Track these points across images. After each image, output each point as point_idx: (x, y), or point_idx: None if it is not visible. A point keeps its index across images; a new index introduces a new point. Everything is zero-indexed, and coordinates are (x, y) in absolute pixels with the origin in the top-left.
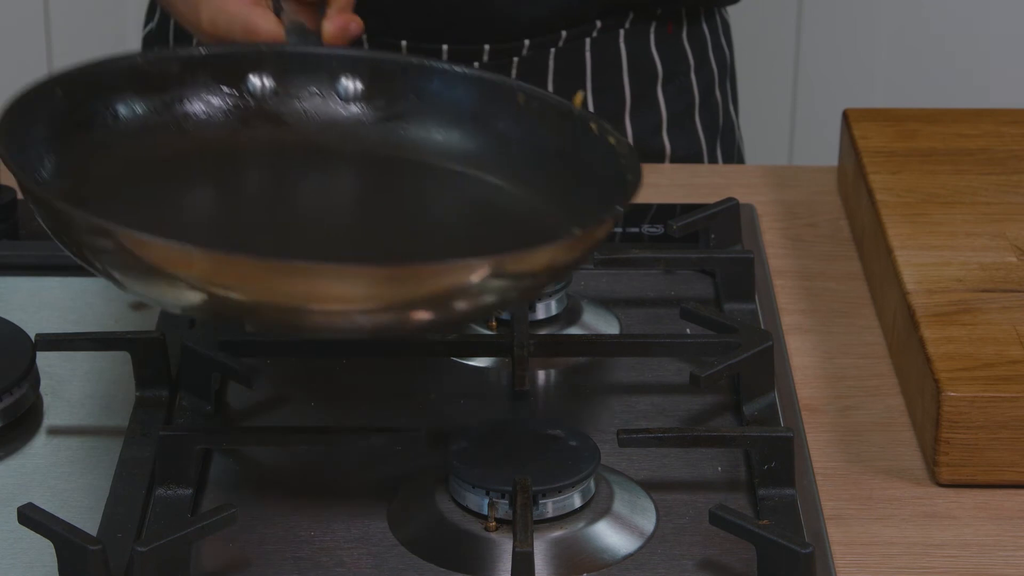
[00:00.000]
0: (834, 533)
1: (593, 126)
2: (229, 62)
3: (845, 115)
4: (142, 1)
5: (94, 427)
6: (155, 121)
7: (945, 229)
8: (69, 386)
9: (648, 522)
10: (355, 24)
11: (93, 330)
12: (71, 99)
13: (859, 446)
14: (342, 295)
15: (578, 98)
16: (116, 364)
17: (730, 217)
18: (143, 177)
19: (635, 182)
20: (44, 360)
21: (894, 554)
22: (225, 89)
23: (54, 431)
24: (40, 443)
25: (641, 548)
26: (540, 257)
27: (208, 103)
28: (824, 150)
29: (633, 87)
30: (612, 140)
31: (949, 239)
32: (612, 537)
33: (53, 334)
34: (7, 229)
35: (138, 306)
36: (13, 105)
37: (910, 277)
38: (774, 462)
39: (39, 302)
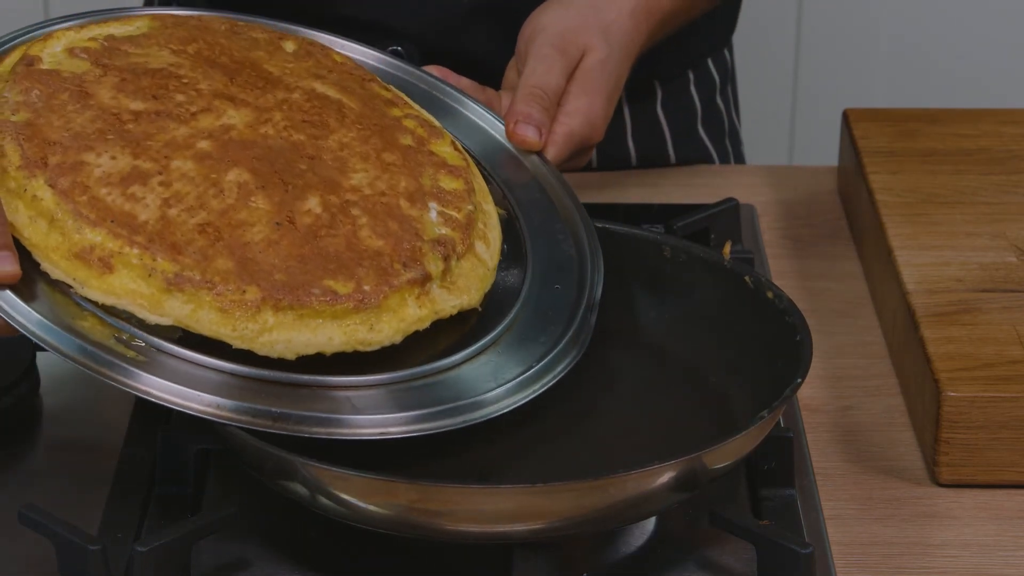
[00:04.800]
0: (834, 533)
1: (748, 280)
2: None
3: (845, 115)
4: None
5: (94, 427)
6: None
7: (945, 229)
8: (69, 386)
9: (648, 522)
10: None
11: None
12: None
13: (859, 446)
14: (544, 511)
15: (726, 249)
16: None
17: (730, 217)
18: None
19: (806, 342)
20: (44, 360)
21: (894, 554)
22: None
23: (54, 432)
24: (40, 443)
25: (641, 548)
26: (732, 449)
27: None
28: (824, 150)
29: (633, 109)
30: (770, 294)
31: (949, 239)
32: (612, 537)
33: None
34: None
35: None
36: None
37: (910, 277)
38: (774, 462)
39: None
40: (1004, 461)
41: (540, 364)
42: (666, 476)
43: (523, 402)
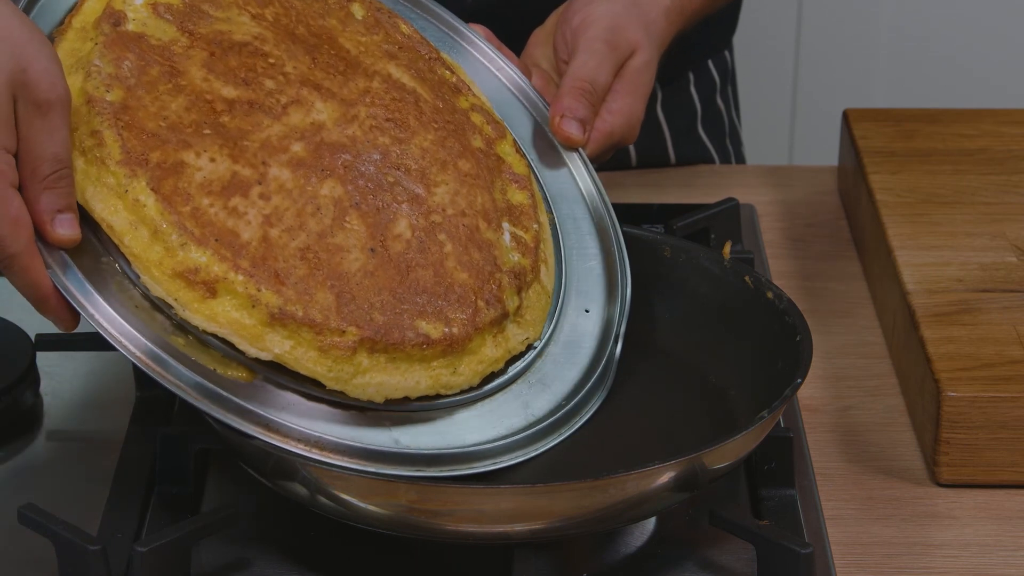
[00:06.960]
0: (834, 533)
1: (748, 280)
2: None
3: (845, 115)
4: None
5: (94, 427)
6: None
7: (945, 229)
8: (69, 386)
9: (648, 522)
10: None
11: (93, 330)
12: None
13: (859, 446)
14: (546, 511)
15: (726, 249)
16: (116, 364)
17: (730, 217)
18: None
19: (806, 342)
20: (44, 360)
21: (894, 554)
22: None
23: (54, 432)
24: (40, 443)
25: (641, 548)
26: (732, 449)
27: None
28: (824, 150)
29: None
30: (770, 294)
31: (949, 239)
32: (612, 537)
33: (53, 334)
34: None
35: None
36: None
37: (910, 277)
38: (774, 462)
39: None
40: (1004, 461)
41: (569, 405)
42: (666, 476)
43: (551, 445)
